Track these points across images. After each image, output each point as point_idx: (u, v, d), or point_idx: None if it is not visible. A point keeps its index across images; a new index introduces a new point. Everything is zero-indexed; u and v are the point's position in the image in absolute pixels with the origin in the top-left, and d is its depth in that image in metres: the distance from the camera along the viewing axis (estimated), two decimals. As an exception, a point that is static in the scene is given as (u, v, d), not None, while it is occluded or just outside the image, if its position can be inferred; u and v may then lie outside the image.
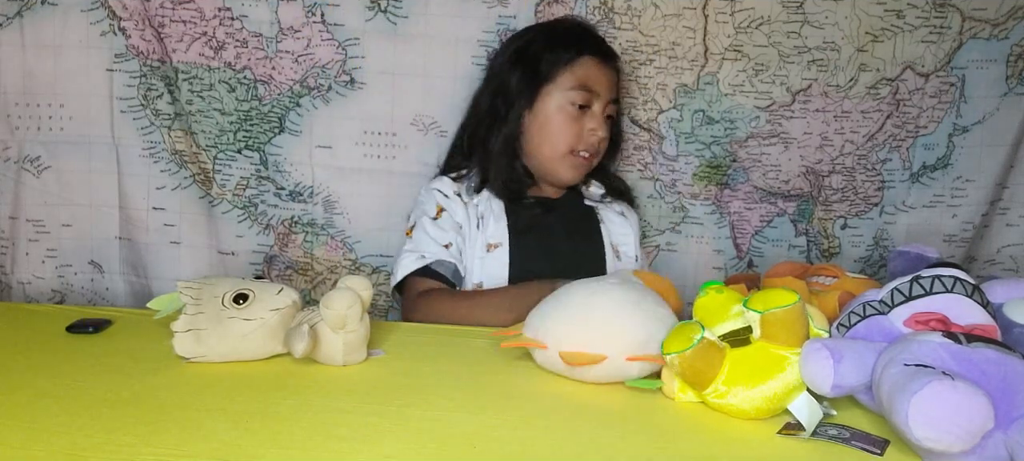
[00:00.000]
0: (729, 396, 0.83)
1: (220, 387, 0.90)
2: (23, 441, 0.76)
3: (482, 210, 1.38)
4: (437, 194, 1.40)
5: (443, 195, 1.40)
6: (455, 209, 1.38)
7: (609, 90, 1.40)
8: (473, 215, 1.38)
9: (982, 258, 1.65)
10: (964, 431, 0.68)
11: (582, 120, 1.37)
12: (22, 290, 1.57)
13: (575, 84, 1.36)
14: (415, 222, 1.39)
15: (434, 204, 1.39)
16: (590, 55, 1.38)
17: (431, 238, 1.35)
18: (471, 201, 1.39)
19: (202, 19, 1.50)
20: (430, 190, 1.42)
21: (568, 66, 1.37)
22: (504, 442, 0.78)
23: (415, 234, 1.38)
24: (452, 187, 1.40)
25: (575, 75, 1.37)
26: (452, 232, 1.36)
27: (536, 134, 1.39)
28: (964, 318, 0.83)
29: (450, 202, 1.39)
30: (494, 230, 1.37)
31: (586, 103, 1.37)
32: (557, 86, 1.37)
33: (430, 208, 1.39)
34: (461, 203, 1.39)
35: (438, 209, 1.38)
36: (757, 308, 0.84)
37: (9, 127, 1.53)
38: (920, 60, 1.56)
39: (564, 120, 1.36)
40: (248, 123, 1.54)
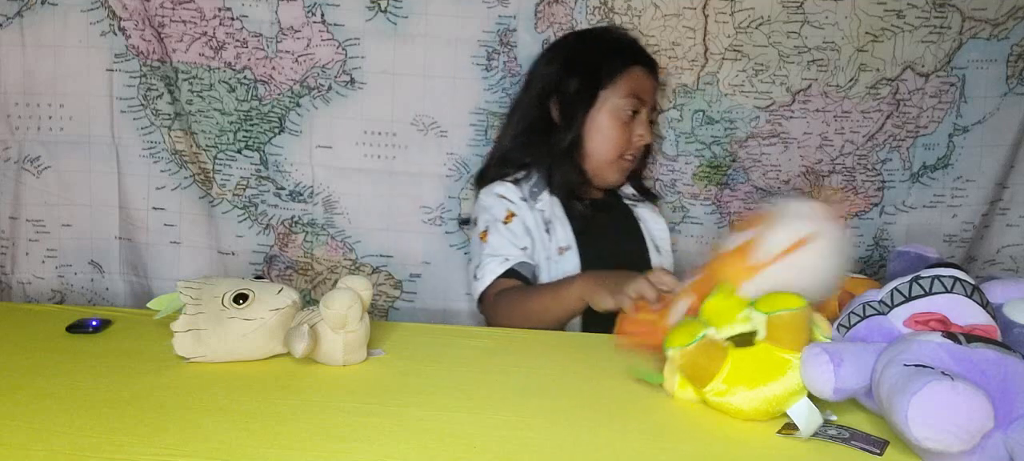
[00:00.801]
0: (729, 395, 0.83)
1: (220, 387, 0.90)
2: (23, 441, 0.76)
3: (548, 215, 1.40)
4: (505, 201, 1.40)
5: (510, 201, 1.39)
6: (525, 214, 1.39)
7: (651, 98, 1.44)
8: (540, 219, 1.39)
9: (982, 258, 1.65)
10: (964, 431, 0.68)
11: (631, 126, 1.41)
12: (22, 290, 1.57)
13: (628, 92, 1.40)
14: (488, 227, 1.38)
15: (504, 210, 1.39)
16: (640, 65, 1.42)
17: (509, 241, 1.36)
18: (536, 205, 1.40)
19: (202, 19, 1.50)
20: (495, 196, 1.41)
21: (622, 74, 1.40)
22: (504, 442, 0.78)
23: (491, 239, 1.37)
24: (516, 192, 1.41)
25: (628, 83, 1.40)
26: (525, 236, 1.37)
27: (593, 138, 1.41)
28: (964, 318, 0.83)
29: (518, 207, 1.39)
30: (562, 233, 1.39)
31: (636, 110, 1.40)
32: (613, 93, 1.40)
33: (500, 213, 1.39)
34: (528, 208, 1.39)
35: (509, 214, 1.38)
36: (763, 310, 0.84)
37: (9, 127, 1.53)
38: (920, 60, 1.56)
39: (617, 126, 1.40)
40: (248, 123, 1.54)
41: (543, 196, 1.41)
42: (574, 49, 1.46)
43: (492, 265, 1.34)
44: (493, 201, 1.40)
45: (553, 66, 1.45)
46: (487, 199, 1.41)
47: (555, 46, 1.49)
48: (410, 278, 1.59)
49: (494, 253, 1.35)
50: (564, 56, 1.45)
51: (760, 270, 0.95)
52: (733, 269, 0.97)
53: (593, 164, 1.42)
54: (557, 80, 1.42)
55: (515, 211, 1.38)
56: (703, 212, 1.62)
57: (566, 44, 1.48)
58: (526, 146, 1.44)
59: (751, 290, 0.96)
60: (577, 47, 1.46)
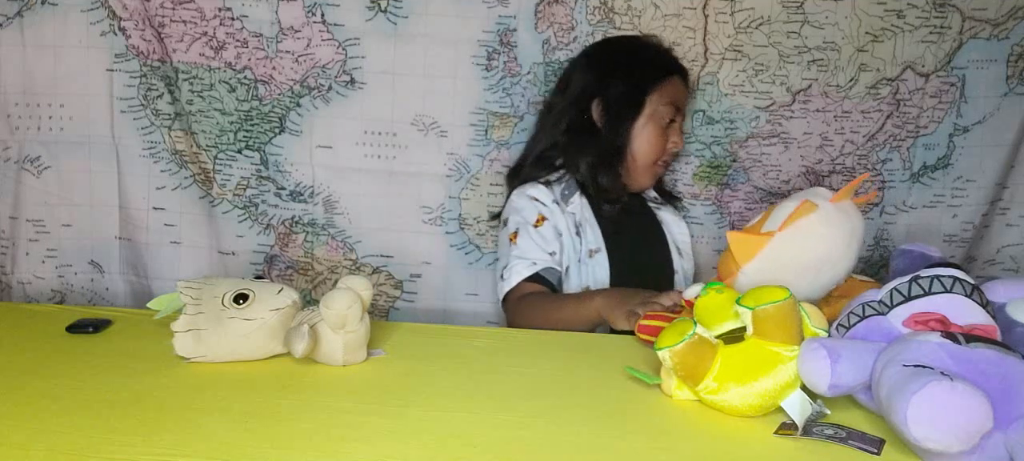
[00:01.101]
0: (722, 393, 0.84)
1: (220, 387, 0.90)
2: (23, 441, 0.76)
3: (578, 217, 1.41)
4: (537, 203, 1.40)
5: (542, 204, 1.40)
6: (556, 217, 1.40)
7: (685, 107, 1.49)
8: (571, 222, 1.41)
9: (982, 258, 1.65)
10: (963, 431, 0.68)
11: (667, 133, 1.44)
12: (22, 290, 1.57)
13: (668, 100, 1.43)
14: (517, 229, 1.39)
15: (535, 212, 1.39)
16: (676, 74, 1.46)
17: (537, 245, 1.37)
18: (568, 208, 1.41)
19: (202, 19, 1.50)
20: (527, 198, 1.41)
21: (664, 82, 1.43)
22: (504, 442, 0.78)
23: (520, 241, 1.38)
24: (548, 195, 1.42)
25: (667, 92, 1.43)
26: (554, 240, 1.38)
27: (637, 143, 1.43)
28: (963, 318, 0.83)
29: (549, 210, 1.40)
30: (592, 236, 1.41)
31: (673, 118, 1.44)
32: (656, 99, 1.42)
33: (531, 216, 1.39)
34: (560, 211, 1.41)
35: (540, 218, 1.39)
36: (748, 304, 0.84)
37: (9, 127, 1.53)
38: (920, 60, 1.56)
39: (657, 132, 1.43)
40: (248, 123, 1.54)
41: (574, 199, 1.43)
42: (617, 55, 1.47)
43: (519, 267, 1.35)
44: (525, 203, 1.41)
45: (593, 71, 1.45)
46: (519, 200, 1.42)
47: (594, 51, 1.50)
48: (410, 278, 1.59)
49: (522, 256, 1.36)
50: (606, 61, 1.46)
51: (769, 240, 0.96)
52: (745, 243, 0.97)
53: (632, 168, 1.44)
54: (599, 84, 1.43)
55: (546, 214, 1.39)
56: (703, 212, 1.62)
57: (606, 49, 1.49)
58: (565, 149, 1.45)
59: (761, 264, 0.96)
60: (620, 53, 1.48)
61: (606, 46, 1.51)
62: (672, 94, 1.43)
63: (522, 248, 1.37)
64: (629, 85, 1.43)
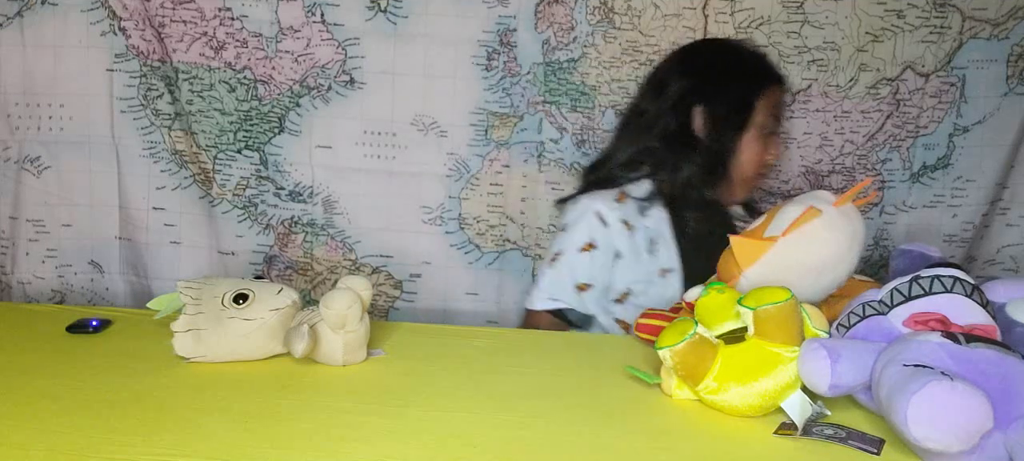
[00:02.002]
0: (722, 393, 0.84)
1: (220, 387, 0.90)
2: (23, 441, 0.76)
3: (654, 233, 1.31)
4: (594, 222, 1.30)
5: (601, 223, 1.29)
6: (614, 238, 1.29)
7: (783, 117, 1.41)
8: (642, 240, 1.31)
9: (982, 258, 1.65)
10: (963, 431, 0.68)
11: (767, 145, 1.35)
12: (22, 290, 1.57)
13: (770, 110, 1.34)
14: (562, 252, 1.31)
15: (587, 235, 1.29)
16: (778, 84, 1.37)
17: (569, 278, 1.29)
18: (641, 224, 1.31)
19: (202, 19, 1.50)
20: (589, 213, 1.30)
21: (767, 90, 1.34)
22: (504, 442, 0.78)
23: (557, 266, 1.30)
24: (616, 211, 1.30)
25: (770, 102, 1.34)
26: (596, 268, 1.29)
27: (742, 154, 1.33)
28: (963, 318, 0.83)
29: (609, 231, 1.29)
30: (665, 255, 1.31)
31: (773, 130, 1.36)
32: (759, 111, 1.33)
33: (581, 238, 1.30)
34: (625, 230, 1.29)
35: (588, 244, 1.29)
36: (750, 305, 0.84)
37: (9, 127, 1.53)
38: (920, 60, 1.56)
39: (759, 145, 1.33)
40: (248, 123, 1.54)
41: (654, 211, 1.32)
42: (720, 60, 1.38)
43: (541, 296, 1.31)
44: (585, 217, 1.30)
45: (693, 76, 1.35)
46: (582, 212, 1.31)
47: (692, 55, 1.41)
48: (410, 278, 1.59)
49: (551, 283, 1.30)
50: (708, 66, 1.37)
51: (772, 245, 0.96)
52: (748, 247, 0.97)
53: (733, 181, 1.35)
54: (702, 91, 1.33)
55: (598, 240, 1.29)
56: (703, 212, 1.62)
57: (707, 54, 1.42)
58: (660, 157, 1.35)
59: (763, 269, 0.97)
60: (724, 58, 1.39)
61: (706, 50, 1.43)
62: (775, 103, 1.34)
63: (555, 275, 1.30)
64: (737, 93, 1.33)
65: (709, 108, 1.32)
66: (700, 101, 1.33)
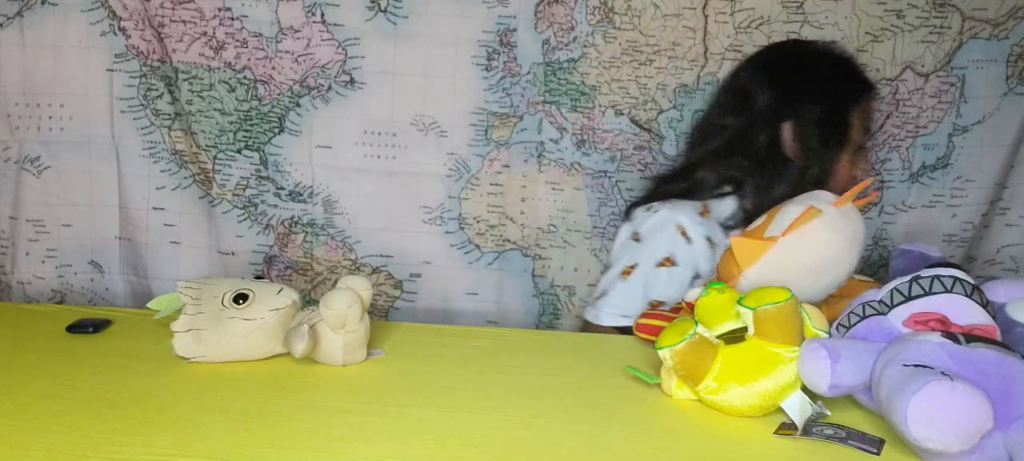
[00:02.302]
0: (722, 393, 0.84)
1: (220, 387, 0.90)
2: (23, 441, 0.76)
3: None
4: (677, 237, 1.22)
5: (684, 238, 1.22)
6: (696, 257, 1.22)
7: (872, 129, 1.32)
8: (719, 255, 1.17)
9: (982, 258, 1.65)
10: (963, 431, 0.68)
11: (856, 161, 1.27)
12: (22, 290, 1.57)
13: (864, 123, 1.27)
14: (638, 265, 1.23)
15: (667, 250, 1.22)
16: (871, 94, 1.30)
17: (641, 295, 1.22)
18: (723, 243, 1.21)
19: (202, 19, 1.50)
20: (671, 226, 1.23)
21: (863, 103, 1.27)
22: (504, 442, 0.78)
23: (629, 282, 1.23)
24: (700, 229, 1.23)
25: (864, 114, 1.27)
26: (673, 286, 1.21)
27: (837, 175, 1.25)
28: (963, 318, 0.83)
29: (692, 248, 1.21)
30: None
31: (863, 144, 1.28)
32: (854, 125, 1.26)
33: (659, 253, 1.23)
34: (708, 248, 1.22)
35: (666, 260, 1.21)
36: (750, 305, 0.84)
37: (9, 127, 1.53)
38: (920, 60, 1.56)
39: (851, 160, 1.25)
40: (248, 123, 1.54)
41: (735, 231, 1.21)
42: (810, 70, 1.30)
43: (610, 312, 1.25)
44: (667, 230, 1.23)
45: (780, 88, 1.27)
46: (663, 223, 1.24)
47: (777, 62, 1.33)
48: (410, 278, 1.59)
49: (622, 298, 1.24)
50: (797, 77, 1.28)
51: (772, 245, 0.96)
52: (748, 247, 0.98)
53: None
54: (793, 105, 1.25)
55: (679, 256, 1.21)
56: (703, 212, 1.62)
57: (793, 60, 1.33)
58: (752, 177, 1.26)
59: (763, 269, 0.97)
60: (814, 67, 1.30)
61: (791, 56, 1.34)
62: (867, 117, 1.27)
63: (628, 290, 1.23)
64: (832, 107, 1.23)
65: (801, 124, 1.23)
66: (789, 116, 1.24)
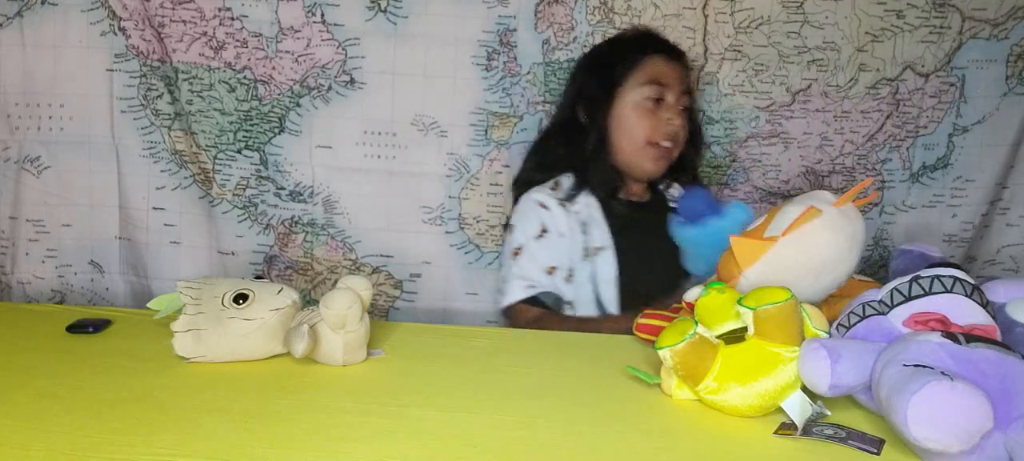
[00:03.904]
0: (722, 393, 0.84)
1: (220, 387, 0.90)
2: (23, 441, 0.76)
3: (583, 216, 1.41)
4: (540, 210, 1.41)
5: (544, 208, 1.41)
6: (558, 220, 1.40)
7: (679, 83, 1.44)
8: (575, 221, 1.40)
9: (982, 258, 1.65)
10: (963, 431, 0.68)
11: (657, 113, 1.42)
12: (22, 290, 1.57)
13: (645, 80, 1.42)
14: (522, 245, 1.40)
15: (538, 223, 1.40)
16: (656, 53, 1.44)
17: (537, 264, 1.38)
18: (572, 208, 1.41)
19: (202, 19, 1.50)
20: (533, 203, 1.42)
21: (638, 66, 1.42)
22: (504, 442, 0.78)
23: (522, 258, 1.39)
24: (551, 198, 1.42)
25: (645, 73, 1.42)
26: (556, 251, 1.39)
27: (617, 133, 1.43)
28: (963, 318, 0.83)
29: (552, 214, 1.40)
30: (597, 234, 1.40)
31: (659, 97, 1.42)
32: (631, 85, 1.42)
33: (534, 228, 1.40)
34: (563, 212, 1.41)
35: (541, 229, 1.39)
36: (750, 305, 0.84)
37: (9, 127, 1.53)
38: (920, 60, 1.56)
39: (640, 115, 1.42)
40: (248, 123, 1.54)
41: (580, 198, 1.42)
42: (595, 52, 1.51)
43: (516, 287, 1.38)
44: (530, 208, 1.42)
45: (578, 73, 1.50)
46: (525, 205, 1.43)
47: (583, 54, 1.53)
48: (410, 278, 1.59)
49: (521, 275, 1.38)
50: (587, 61, 1.50)
51: (772, 245, 0.96)
52: (748, 247, 0.98)
53: (624, 158, 1.44)
54: (581, 85, 1.48)
55: (548, 223, 1.40)
56: (703, 212, 1.62)
57: (591, 50, 1.53)
58: (558, 151, 1.48)
59: (763, 269, 0.97)
60: (598, 50, 1.51)
61: (592, 48, 1.53)
62: (650, 73, 1.42)
63: (522, 266, 1.39)
64: (600, 79, 1.45)
65: (582, 97, 1.47)
66: (578, 95, 1.47)
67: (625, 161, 1.44)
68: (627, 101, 1.42)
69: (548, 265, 1.38)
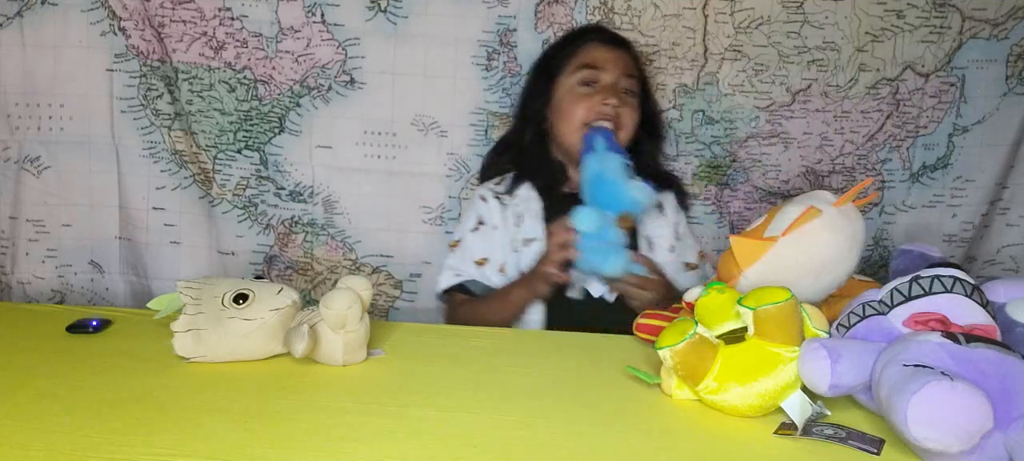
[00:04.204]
0: (722, 393, 0.84)
1: (220, 387, 0.90)
2: (23, 441, 0.76)
3: (520, 209, 1.41)
4: (479, 203, 1.45)
5: (483, 201, 1.44)
6: (493, 213, 1.42)
7: (616, 66, 1.42)
8: (511, 214, 1.42)
9: (982, 258, 1.65)
10: (963, 431, 0.68)
11: (592, 96, 1.40)
12: (22, 290, 1.57)
13: (578, 65, 1.42)
14: (460, 238, 1.44)
15: (475, 217, 1.44)
16: (593, 40, 1.45)
17: (469, 256, 1.41)
18: (511, 201, 1.43)
19: (202, 19, 1.50)
20: (477, 197, 1.46)
21: (573, 55, 1.43)
22: (504, 442, 0.78)
23: (458, 250, 1.43)
24: (493, 191, 1.45)
25: (579, 58, 1.43)
26: (489, 243, 1.41)
27: (557, 122, 1.43)
28: (963, 318, 0.83)
29: (488, 207, 1.43)
30: (530, 226, 1.39)
31: (592, 80, 1.41)
32: (565, 74, 1.43)
33: (470, 221, 1.44)
34: (499, 204, 1.43)
35: (477, 222, 1.43)
36: (750, 305, 0.84)
37: (9, 127, 1.53)
38: (920, 60, 1.56)
39: (574, 99, 1.41)
40: (248, 123, 1.54)
41: (521, 190, 1.43)
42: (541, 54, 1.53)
43: (446, 276, 1.42)
44: (469, 207, 1.47)
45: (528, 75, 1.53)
46: (470, 202, 1.48)
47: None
48: (410, 278, 1.59)
49: (451, 266, 1.42)
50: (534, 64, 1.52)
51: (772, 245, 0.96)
52: (748, 247, 0.98)
53: (563, 146, 1.43)
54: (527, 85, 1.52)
55: (484, 217, 1.43)
56: (703, 212, 1.62)
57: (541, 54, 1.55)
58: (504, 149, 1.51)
59: (763, 269, 0.97)
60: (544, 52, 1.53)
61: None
62: (585, 58, 1.42)
63: (457, 256, 1.43)
64: (537, 78, 1.48)
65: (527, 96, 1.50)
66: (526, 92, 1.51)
67: (565, 150, 1.43)
68: (563, 88, 1.43)
69: (479, 256, 1.40)
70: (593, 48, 1.44)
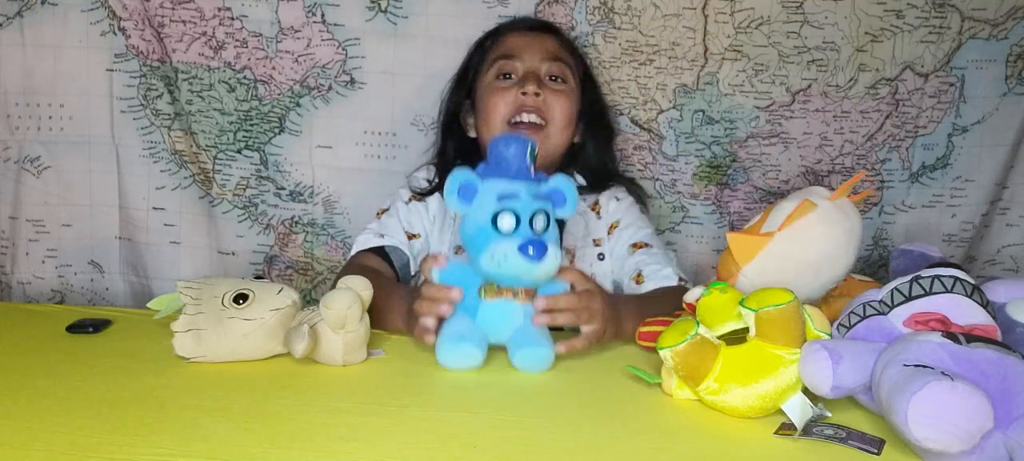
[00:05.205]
0: (723, 394, 0.84)
1: (220, 387, 0.90)
2: (23, 441, 0.76)
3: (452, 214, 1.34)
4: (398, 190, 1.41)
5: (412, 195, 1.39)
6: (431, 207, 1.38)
7: (535, 51, 1.34)
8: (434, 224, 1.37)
9: (982, 258, 1.65)
10: (963, 431, 0.68)
11: (510, 88, 1.32)
12: (22, 290, 1.57)
13: (497, 57, 1.36)
14: (389, 207, 1.38)
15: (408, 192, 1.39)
16: (509, 31, 1.40)
17: (400, 224, 1.34)
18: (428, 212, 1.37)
19: (202, 19, 1.50)
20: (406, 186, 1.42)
21: (489, 51, 1.39)
22: (504, 442, 0.78)
23: (384, 217, 1.37)
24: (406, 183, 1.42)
25: (495, 52, 1.37)
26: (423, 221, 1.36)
27: (479, 125, 1.38)
28: (964, 318, 0.83)
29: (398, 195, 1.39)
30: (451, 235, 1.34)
31: (509, 71, 1.34)
32: (483, 72, 1.38)
33: (405, 194, 1.39)
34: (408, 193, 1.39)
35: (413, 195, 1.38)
36: (752, 306, 0.84)
37: (9, 127, 1.53)
38: (920, 60, 1.56)
39: (491, 94, 1.34)
40: (248, 123, 1.54)
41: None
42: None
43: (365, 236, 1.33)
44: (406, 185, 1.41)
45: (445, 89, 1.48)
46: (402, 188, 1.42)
47: None
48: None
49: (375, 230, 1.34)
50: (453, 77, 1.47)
51: (769, 240, 0.96)
52: (745, 243, 0.98)
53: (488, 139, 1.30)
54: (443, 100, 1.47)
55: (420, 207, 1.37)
56: (703, 212, 1.62)
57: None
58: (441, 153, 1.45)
59: (761, 265, 0.97)
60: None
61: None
62: (500, 50, 1.36)
63: (382, 222, 1.35)
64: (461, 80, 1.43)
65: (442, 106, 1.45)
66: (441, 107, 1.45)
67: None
68: (482, 87, 1.36)
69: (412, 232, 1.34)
70: (509, 38, 1.37)
